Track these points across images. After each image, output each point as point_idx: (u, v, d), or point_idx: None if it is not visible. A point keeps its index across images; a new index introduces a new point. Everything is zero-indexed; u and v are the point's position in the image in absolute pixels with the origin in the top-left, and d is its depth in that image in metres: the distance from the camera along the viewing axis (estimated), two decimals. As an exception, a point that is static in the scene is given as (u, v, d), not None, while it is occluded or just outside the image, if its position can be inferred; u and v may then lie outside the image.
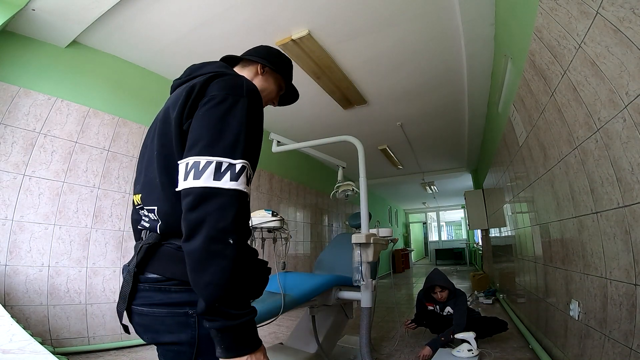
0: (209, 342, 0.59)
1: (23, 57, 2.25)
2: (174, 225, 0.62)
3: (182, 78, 0.78)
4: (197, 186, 0.55)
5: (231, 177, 0.57)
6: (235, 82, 0.67)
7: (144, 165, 0.72)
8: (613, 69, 1.02)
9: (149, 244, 0.64)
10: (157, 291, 0.62)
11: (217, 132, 0.59)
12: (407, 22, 2.41)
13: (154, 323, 0.62)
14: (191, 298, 0.60)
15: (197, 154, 0.57)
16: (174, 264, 0.62)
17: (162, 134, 0.67)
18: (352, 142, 2.13)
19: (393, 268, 9.53)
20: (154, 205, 0.65)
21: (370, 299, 1.86)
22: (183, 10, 2.27)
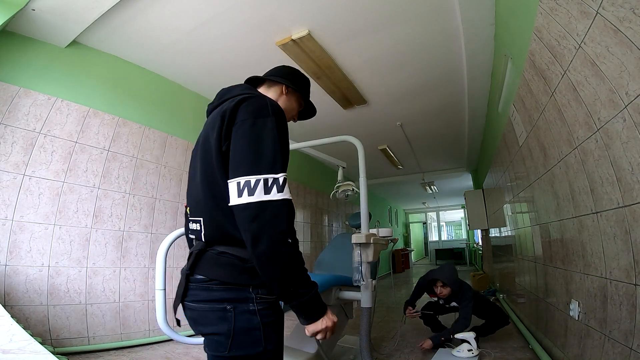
0: (244, 335, 0.70)
1: (23, 57, 2.25)
2: (216, 233, 0.75)
3: (215, 102, 0.89)
4: (253, 201, 0.66)
5: (277, 189, 0.68)
6: (260, 104, 0.76)
7: (191, 181, 0.84)
8: (613, 69, 1.02)
9: (198, 250, 0.76)
10: (202, 290, 0.73)
11: (258, 153, 0.70)
12: (407, 22, 2.42)
13: (199, 316, 0.74)
14: (230, 295, 0.72)
15: (245, 173, 0.68)
16: (216, 267, 0.74)
17: (204, 154, 0.78)
18: (352, 142, 2.13)
19: (393, 268, 9.53)
20: (200, 216, 0.77)
21: (370, 299, 1.86)
22: (183, 10, 2.27)
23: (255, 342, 0.70)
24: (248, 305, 0.71)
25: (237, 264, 0.73)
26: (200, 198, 0.77)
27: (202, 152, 0.79)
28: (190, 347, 2.54)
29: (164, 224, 2.92)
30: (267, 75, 1.02)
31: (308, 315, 0.73)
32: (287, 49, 2.64)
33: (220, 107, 0.82)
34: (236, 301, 0.71)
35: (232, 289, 0.72)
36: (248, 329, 0.70)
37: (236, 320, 0.69)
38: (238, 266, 0.73)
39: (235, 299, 0.71)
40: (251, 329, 0.70)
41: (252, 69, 3.03)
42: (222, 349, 0.70)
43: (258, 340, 0.70)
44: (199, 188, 0.77)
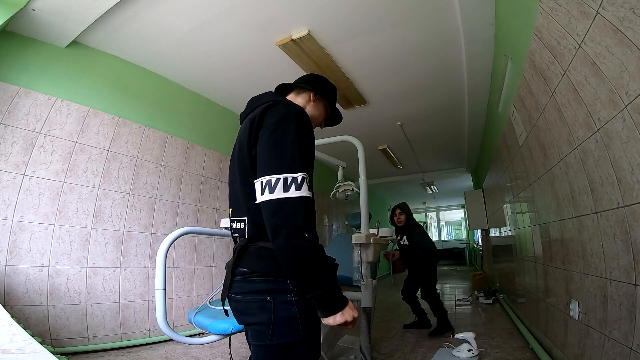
0: (283, 325, 0.74)
1: (23, 57, 2.25)
2: (256, 230, 0.81)
3: (247, 111, 0.95)
4: (273, 198, 0.71)
5: (296, 187, 0.72)
6: (285, 110, 0.82)
7: (232, 184, 0.92)
8: (613, 69, 1.02)
9: (240, 246, 0.82)
10: (246, 282, 0.80)
11: (278, 153, 0.75)
12: (407, 22, 2.42)
13: (243, 307, 0.80)
14: (270, 287, 0.77)
15: (267, 173, 0.74)
16: (256, 259, 0.80)
17: (240, 159, 0.85)
18: (352, 142, 2.13)
19: (393, 268, 9.52)
20: (244, 216, 0.84)
21: (370, 299, 1.86)
22: (183, 10, 2.27)
23: (294, 331, 0.75)
24: (286, 296, 0.76)
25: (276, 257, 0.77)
26: (241, 199, 0.84)
27: (239, 157, 0.86)
28: (190, 347, 2.54)
29: (164, 224, 2.92)
30: (296, 82, 1.08)
31: (326, 308, 0.74)
32: (287, 49, 2.64)
33: (250, 115, 0.88)
34: (275, 292, 0.76)
35: (272, 281, 0.77)
36: (286, 319, 0.75)
37: (275, 309, 0.75)
38: (276, 259, 0.75)
39: (274, 290, 0.76)
40: (289, 319, 0.75)
41: (252, 69, 3.04)
42: (264, 337, 0.75)
43: (296, 329, 0.75)
44: (239, 190, 0.85)
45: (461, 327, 3.08)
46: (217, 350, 2.55)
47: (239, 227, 0.86)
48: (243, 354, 2.47)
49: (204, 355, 2.45)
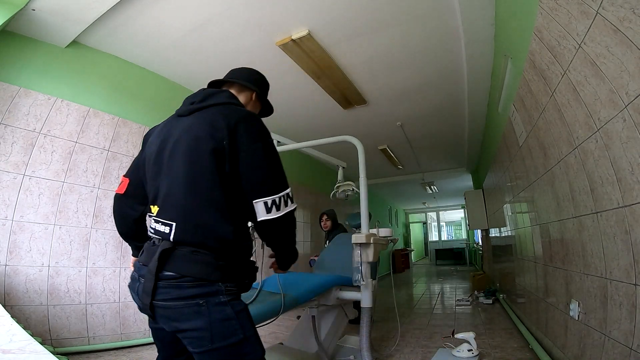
0: (222, 326, 0.75)
1: (23, 57, 2.25)
2: (189, 235, 0.78)
3: (197, 103, 0.92)
4: (282, 214, 0.84)
5: (291, 200, 0.88)
6: (261, 126, 0.89)
7: (164, 182, 0.85)
8: (613, 69, 1.02)
9: (165, 249, 0.77)
10: (173, 287, 0.76)
11: (275, 175, 0.86)
12: (407, 22, 2.42)
13: (174, 314, 0.76)
14: (200, 291, 0.75)
15: (271, 194, 0.83)
16: (189, 263, 0.77)
17: (192, 163, 0.82)
18: (352, 142, 2.13)
19: (393, 268, 9.52)
20: (173, 220, 0.80)
21: (370, 299, 1.86)
22: (183, 10, 2.27)
23: (234, 331, 0.76)
24: (219, 297, 0.76)
25: (212, 262, 0.77)
26: (181, 204, 0.80)
27: (190, 160, 0.82)
28: None
29: (164, 224, 2.92)
30: (236, 78, 1.09)
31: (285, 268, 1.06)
32: (287, 49, 2.64)
33: (208, 115, 0.87)
34: (207, 295, 0.76)
35: (204, 285, 0.76)
36: (224, 320, 0.76)
37: (210, 312, 0.75)
38: (212, 264, 0.77)
39: (206, 294, 0.76)
40: (226, 319, 0.76)
41: (252, 69, 3.03)
42: (206, 342, 0.74)
43: (236, 329, 0.76)
44: (182, 194, 0.81)
45: (461, 327, 3.08)
46: (217, 350, 2.55)
47: (162, 230, 0.81)
48: (243, 354, 2.46)
49: (204, 355, 2.45)
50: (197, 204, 0.79)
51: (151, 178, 0.89)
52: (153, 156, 0.90)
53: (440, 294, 5.44)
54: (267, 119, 3.99)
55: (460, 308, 4.09)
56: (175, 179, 0.83)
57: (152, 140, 0.95)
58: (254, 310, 1.47)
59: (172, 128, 0.91)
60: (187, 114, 0.92)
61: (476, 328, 2.97)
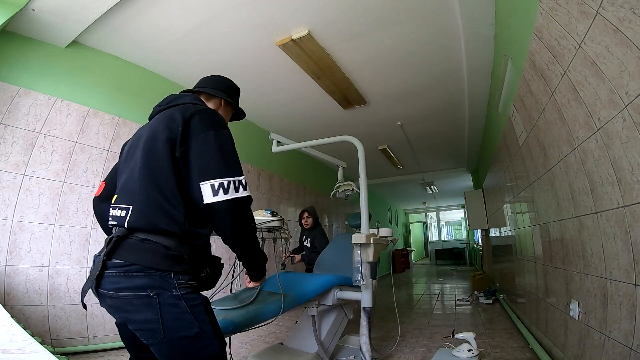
0: (174, 319, 0.75)
1: (23, 57, 2.25)
2: (144, 221, 0.79)
3: (163, 105, 0.98)
4: (230, 198, 0.80)
5: (243, 188, 0.84)
6: (216, 117, 0.91)
7: (125, 172, 0.90)
8: (613, 69, 1.02)
9: (118, 236, 0.78)
10: (122, 276, 0.75)
11: (227, 160, 0.84)
12: (407, 22, 2.41)
13: (123, 304, 0.76)
14: (152, 282, 0.75)
15: (219, 177, 0.81)
16: (138, 251, 0.77)
17: (149, 152, 0.85)
18: (352, 142, 2.13)
19: (393, 268, 9.53)
20: (129, 204, 0.82)
21: (370, 299, 1.86)
22: (183, 10, 2.27)
23: (189, 325, 0.76)
24: (171, 290, 0.76)
25: (161, 251, 0.78)
26: (136, 188, 0.83)
27: (148, 149, 0.86)
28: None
29: (164, 224, 2.92)
30: (203, 87, 1.13)
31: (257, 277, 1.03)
32: (287, 49, 2.64)
33: (168, 112, 0.92)
34: (159, 288, 0.75)
35: (154, 275, 0.75)
36: (176, 313, 0.76)
37: (161, 305, 0.74)
38: (161, 252, 0.77)
39: (157, 286, 0.75)
40: (179, 313, 0.76)
41: (252, 69, 3.03)
42: (157, 334, 0.74)
43: (191, 322, 0.77)
44: (137, 179, 0.83)
45: (461, 327, 3.08)
46: (217, 350, 2.55)
47: (119, 214, 0.83)
48: (243, 354, 2.46)
49: (204, 355, 2.44)
50: (150, 188, 0.81)
51: (118, 176, 0.95)
52: (122, 158, 0.97)
53: (440, 294, 5.44)
54: (268, 117, 4.03)
55: (460, 308, 4.09)
56: (133, 168, 0.86)
57: (126, 145, 1.01)
58: (254, 311, 1.47)
59: (142, 131, 0.95)
60: (152, 116, 0.99)
61: (476, 328, 2.97)
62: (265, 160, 4.35)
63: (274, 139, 2.41)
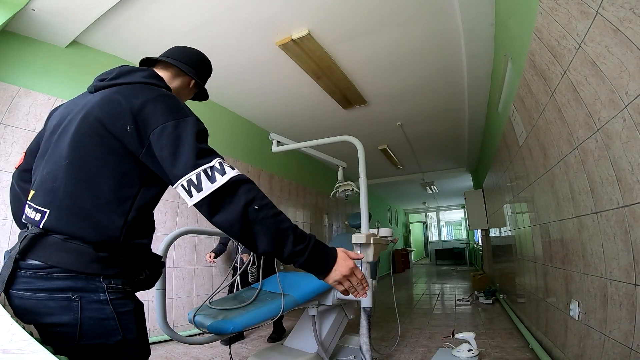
0: (96, 325, 0.66)
1: (23, 57, 2.25)
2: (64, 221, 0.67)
3: (106, 80, 0.79)
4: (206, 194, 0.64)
5: (220, 173, 0.66)
6: (173, 103, 0.73)
7: (47, 163, 0.73)
8: (613, 69, 1.02)
9: (34, 234, 0.67)
10: (38, 278, 0.65)
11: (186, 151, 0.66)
12: (407, 22, 2.42)
13: (33, 306, 0.65)
14: (74, 284, 0.65)
15: (184, 174, 0.65)
16: (60, 252, 0.66)
17: (80, 145, 0.70)
18: (352, 142, 2.13)
19: (393, 268, 9.53)
20: (46, 208, 0.68)
21: (370, 299, 1.86)
22: (183, 10, 2.27)
23: (111, 331, 0.68)
24: (98, 295, 0.67)
25: (88, 252, 0.67)
26: (59, 190, 0.68)
27: (79, 141, 0.70)
28: (190, 347, 2.54)
29: (164, 224, 2.92)
30: (174, 60, 0.96)
31: (319, 270, 0.72)
32: (287, 49, 2.64)
33: (110, 94, 0.74)
34: (83, 291, 0.66)
35: (77, 278, 0.66)
36: (99, 319, 0.67)
37: (83, 309, 0.66)
38: (89, 254, 0.67)
39: (81, 289, 0.66)
40: (103, 319, 0.67)
41: (252, 69, 3.03)
42: (69, 339, 0.65)
43: (114, 329, 0.68)
44: (61, 179, 0.69)
45: (461, 327, 3.08)
46: (217, 350, 2.55)
47: (33, 217, 0.69)
48: (243, 354, 2.47)
49: (204, 355, 2.45)
50: (79, 193, 0.68)
51: (39, 157, 0.77)
52: (48, 133, 0.79)
53: (440, 294, 5.44)
54: (268, 117, 4.02)
55: (460, 308, 4.09)
56: (57, 163, 0.71)
57: (55, 115, 0.83)
58: (254, 311, 1.47)
59: (75, 105, 0.78)
60: (92, 90, 0.79)
61: (476, 328, 2.97)
62: (265, 160, 4.35)
63: (274, 139, 2.41)
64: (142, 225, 0.74)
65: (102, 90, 0.77)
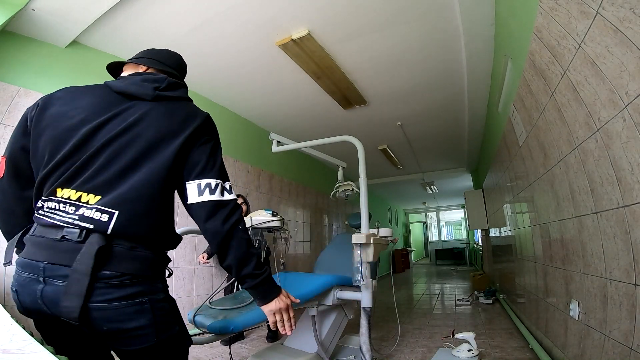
0: (163, 322, 0.76)
1: (23, 57, 2.25)
2: (131, 229, 0.73)
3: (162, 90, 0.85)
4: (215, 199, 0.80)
5: (228, 192, 0.83)
6: (212, 123, 0.90)
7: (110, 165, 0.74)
8: (613, 69, 1.02)
9: (101, 246, 0.70)
10: (114, 287, 0.71)
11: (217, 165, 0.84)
12: (407, 22, 2.42)
13: (114, 315, 0.71)
14: (142, 289, 0.74)
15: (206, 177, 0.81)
16: (129, 261, 0.73)
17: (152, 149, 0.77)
18: (352, 142, 2.13)
19: (393, 268, 9.53)
20: (116, 209, 0.72)
21: (370, 299, 1.86)
22: (183, 10, 2.27)
23: (173, 324, 0.79)
24: (159, 295, 0.77)
25: (150, 257, 0.76)
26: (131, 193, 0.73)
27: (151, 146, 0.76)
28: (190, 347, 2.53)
29: (164, 224, 2.92)
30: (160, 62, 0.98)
31: (263, 296, 0.87)
32: (287, 49, 2.64)
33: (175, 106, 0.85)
34: (149, 293, 0.75)
35: (144, 282, 0.75)
36: (164, 316, 0.77)
37: (153, 310, 0.75)
38: (150, 259, 0.76)
39: (148, 292, 0.75)
40: (166, 315, 0.78)
41: (252, 69, 3.03)
42: (150, 338, 0.74)
43: (173, 321, 0.80)
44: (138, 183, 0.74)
45: (461, 327, 3.08)
46: (217, 350, 2.55)
47: (98, 218, 0.71)
48: (243, 354, 2.47)
49: (204, 355, 2.45)
50: (148, 195, 0.75)
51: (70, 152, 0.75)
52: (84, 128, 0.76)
53: (440, 294, 5.44)
54: (268, 117, 4.01)
55: (460, 308, 4.09)
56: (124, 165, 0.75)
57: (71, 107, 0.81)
58: (254, 311, 1.47)
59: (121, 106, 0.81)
60: (149, 98, 0.83)
61: (476, 328, 2.97)
62: (265, 160, 4.35)
63: (274, 139, 2.41)
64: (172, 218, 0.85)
65: (164, 102, 0.85)
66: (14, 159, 0.83)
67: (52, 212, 0.74)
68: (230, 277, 2.32)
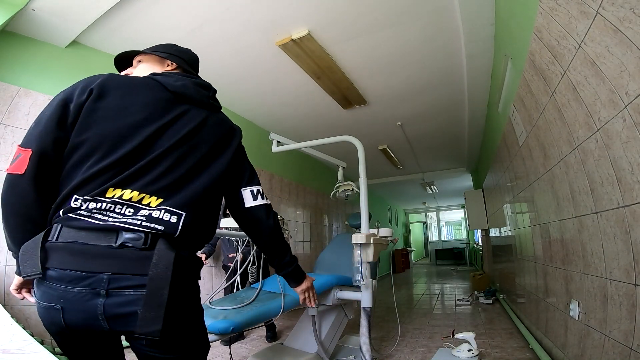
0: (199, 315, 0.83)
1: (23, 57, 2.25)
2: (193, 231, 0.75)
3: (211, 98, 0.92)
4: (266, 203, 0.95)
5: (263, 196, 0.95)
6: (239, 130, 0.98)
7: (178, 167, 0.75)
8: (613, 69, 1.02)
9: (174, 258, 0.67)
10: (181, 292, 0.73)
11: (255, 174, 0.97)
12: (408, 22, 2.42)
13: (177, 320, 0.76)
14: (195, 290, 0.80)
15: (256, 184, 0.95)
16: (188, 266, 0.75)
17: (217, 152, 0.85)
18: (352, 142, 2.13)
19: (393, 268, 9.52)
20: (183, 210, 0.72)
21: (370, 299, 1.86)
22: (183, 10, 2.27)
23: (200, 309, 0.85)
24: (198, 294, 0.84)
25: (199, 261, 0.81)
26: (198, 194, 0.77)
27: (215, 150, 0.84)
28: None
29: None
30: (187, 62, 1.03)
31: (297, 279, 1.07)
32: (287, 49, 2.64)
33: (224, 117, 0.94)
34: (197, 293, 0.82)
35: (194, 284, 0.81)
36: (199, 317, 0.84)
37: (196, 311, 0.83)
38: (200, 263, 0.82)
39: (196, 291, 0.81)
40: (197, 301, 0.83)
41: (252, 69, 3.03)
42: None
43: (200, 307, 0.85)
44: (202, 184, 0.79)
45: (461, 327, 3.08)
46: (217, 350, 2.55)
47: (168, 219, 0.68)
48: (243, 354, 2.47)
49: (204, 355, 2.44)
50: (209, 197, 0.81)
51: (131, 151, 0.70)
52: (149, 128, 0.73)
53: (440, 294, 5.44)
54: (268, 117, 4.01)
55: (460, 308, 4.09)
56: (194, 164, 0.78)
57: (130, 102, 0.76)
58: (254, 311, 1.47)
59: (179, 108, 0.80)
60: (203, 106, 0.87)
61: (476, 328, 2.97)
62: (265, 160, 4.35)
63: (274, 139, 2.41)
64: None
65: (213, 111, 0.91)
66: (44, 155, 0.68)
67: (100, 212, 0.65)
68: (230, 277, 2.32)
